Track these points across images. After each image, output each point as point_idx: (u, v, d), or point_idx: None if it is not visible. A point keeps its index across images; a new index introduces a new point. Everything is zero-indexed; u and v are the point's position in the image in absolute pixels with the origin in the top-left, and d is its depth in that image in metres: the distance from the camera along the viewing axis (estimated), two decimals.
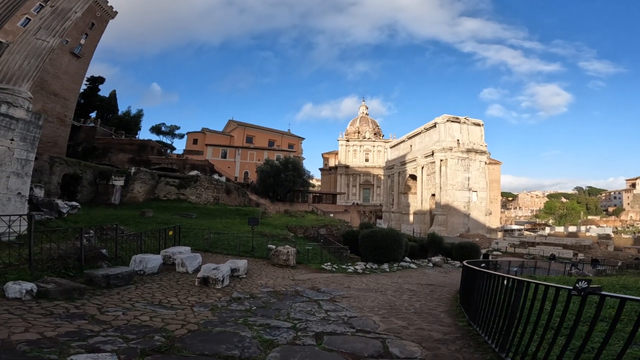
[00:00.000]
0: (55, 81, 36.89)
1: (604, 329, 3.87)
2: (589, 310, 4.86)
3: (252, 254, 14.09)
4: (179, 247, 11.05)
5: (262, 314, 5.84)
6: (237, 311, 5.93)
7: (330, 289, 8.92)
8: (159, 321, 4.66)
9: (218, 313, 5.62)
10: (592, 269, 22.09)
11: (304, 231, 24.63)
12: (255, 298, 7.17)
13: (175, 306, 5.92)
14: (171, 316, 5.05)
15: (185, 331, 4.31)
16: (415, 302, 7.50)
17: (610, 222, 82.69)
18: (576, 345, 2.95)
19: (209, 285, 7.66)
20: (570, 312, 4.42)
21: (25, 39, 10.98)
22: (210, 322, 4.94)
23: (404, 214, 57.31)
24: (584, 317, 4.13)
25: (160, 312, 5.23)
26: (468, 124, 47.07)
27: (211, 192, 33.82)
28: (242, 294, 7.41)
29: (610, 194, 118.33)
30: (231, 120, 72.58)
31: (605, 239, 44.83)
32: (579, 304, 2.70)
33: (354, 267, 13.77)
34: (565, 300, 2.90)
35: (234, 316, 5.50)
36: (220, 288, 7.64)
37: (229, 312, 5.81)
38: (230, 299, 6.82)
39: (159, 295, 6.52)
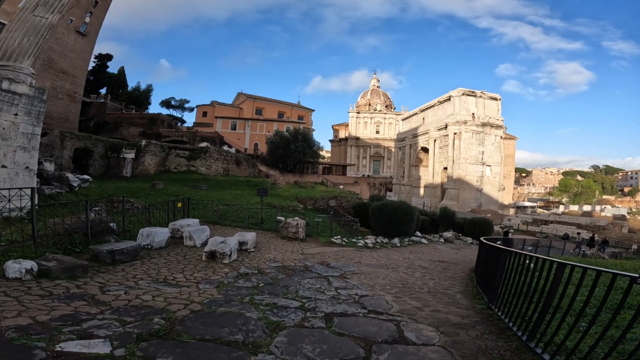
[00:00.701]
0: (62, 59, 37.41)
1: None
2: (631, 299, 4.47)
3: (261, 226, 13.98)
4: (187, 220, 10.93)
5: (269, 292, 5.63)
6: (244, 288, 5.74)
7: (340, 264, 8.71)
8: (161, 301, 4.46)
9: (224, 291, 5.43)
10: (599, 250, 21.45)
11: (313, 203, 24.47)
12: (263, 274, 6.99)
13: (181, 283, 5.75)
14: (175, 295, 4.85)
15: (188, 312, 4.09)
16: (429, 281, 7.23)
17: (625, 203, 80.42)
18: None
19: (217, 259, 7.50)
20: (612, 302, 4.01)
21: (23, 16, 10.62)
22: (215, 301, 4.73)
23: (415, 186, 56.68)
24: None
25: (164, 291, 5.04)
26: (484, 98, 45.04)
27: (221, 163, 33.71)
28: (249, 269, 7.24)
29: (627, 174, 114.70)
30: (240, 93, 71.42)
31: (620, 219, 43.62)
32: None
33: (364, 241, 13.57)
34: (605, 286, 2.50)
35: (240, 294, 5.30)
36: (227, 263, 7.48)
37: (235, 289, 5.62)
38: (237, 275, 6.64)
39: (165, 272, 6.36)
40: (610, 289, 2.45)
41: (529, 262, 4.13)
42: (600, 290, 3.91)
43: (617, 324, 3.34)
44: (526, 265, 4.33)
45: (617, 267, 7.32)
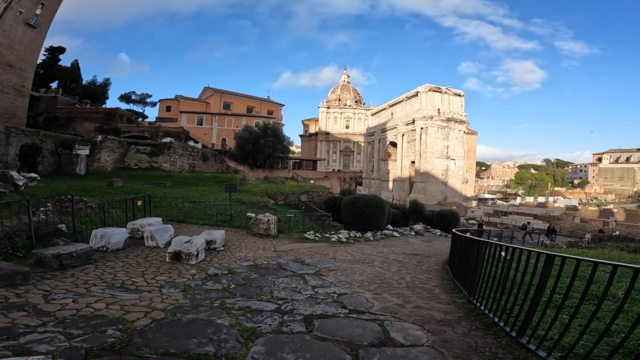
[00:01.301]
0: (9, 52, 35.21)
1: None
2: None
3: (231, 223, 13.36)
4: (148, 219, 10.13)
5: (241, 294, 5.22)
6: (213, 291, 5.28)
7: (315, 260, 8.41)
8: (117, 309, 3.91)
9: (191, 295, 4.94)
10: (549, 239, 22.55)
11: (284, 198, 24.00)
12: (234, 274, 6.54)
13: (141, 288, 5.18)
14: (133, 301, 4.31)
15: (149, 321, 3.60)
16: (406, 275, 7.12)
17: (576, 194, 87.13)
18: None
19: (182, 260, 6.93)
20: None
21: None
22: (181, 307, 4.25)
23: (384, 180, 57.71)
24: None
25: (121, 297, 4.48)
26: (449, 94, 46.56)
27: (186, 159, 32.19)
28: (219, 269, 6.75)
29: (576, 167, 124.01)
30: (207, 87, 68.75)
31: (573, 210, 47.06)
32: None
33: (337, 236, 13.38)
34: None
35: (210, 298, 4.84)
36: (194, 264, 6.93)
37: (203, 292, 5.14)
38: (205, 277, 6.15)
39: (122, 276, 5.73)
40: (611, 282, 2.33)
41: (508, 255, 4.04)
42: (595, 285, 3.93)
43: (623, 318, 3.30)
44: (507, 258, 4.25)
45: (598, 257, 7.62)
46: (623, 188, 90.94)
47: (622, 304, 2.21)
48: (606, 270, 5.13)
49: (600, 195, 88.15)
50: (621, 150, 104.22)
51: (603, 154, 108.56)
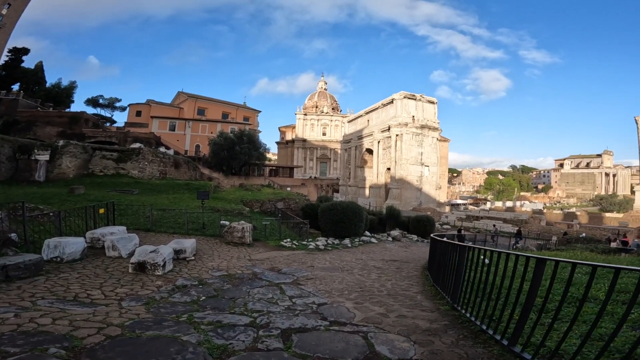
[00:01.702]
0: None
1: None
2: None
3: (203, 231, 12.71)
4: (111, 228, 9.38)
5: (212, 306, 4.78)
6: (181, 304, 4.80)
7: (293, 269, 8.05)
8: (65, 324, 3.39)
9: (155, 308, 4.45)
10: (516, 241, 23.23)
11: (260, 205, 23.41)
12: (205, 285, 6.06)
13: (97, 301, 4.63)
14: (86, 316, 3.78)
15: (102, 338, 3.12)
16: (386, 282, 6.91)
17: (540, 198, 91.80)
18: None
19: (147, 271, 6.36)
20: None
21: None
22: (142, 322, 3.77)
23: (360, 187, 58.10)
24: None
25: (72, 312, 3.93)
26: (423, 101, 47.81)
27: (157, 165, 30.82)
28: (188, 280, 6.24)
29: (540, 173, 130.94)
30: (181, 92, 66.92)
31: (539, 214, 49.31)
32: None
33: (315, 243, 13.05)
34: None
35: (176, 311, 4.38)
36: (161, 274, 6.39)
37: (169, 306, 4.66)
38: (172, 288, 5.64)
39: (76, 288, 5.13)
40: (614, 285, 2.17)
41: (487, 258, 3.91)
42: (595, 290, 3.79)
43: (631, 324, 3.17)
44: (486, 262, 4.11)
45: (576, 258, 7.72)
46: (584, 192, 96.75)
47: (630, 307, 2.05)
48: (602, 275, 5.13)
49: (563, 199, 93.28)
50: (581, 156, 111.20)
51: (564, 159, 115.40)
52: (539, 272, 2.77)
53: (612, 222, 42.43)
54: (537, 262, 2.80)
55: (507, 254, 3.69)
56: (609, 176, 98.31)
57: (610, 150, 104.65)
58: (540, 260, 2.79)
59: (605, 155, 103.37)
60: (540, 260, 2.78)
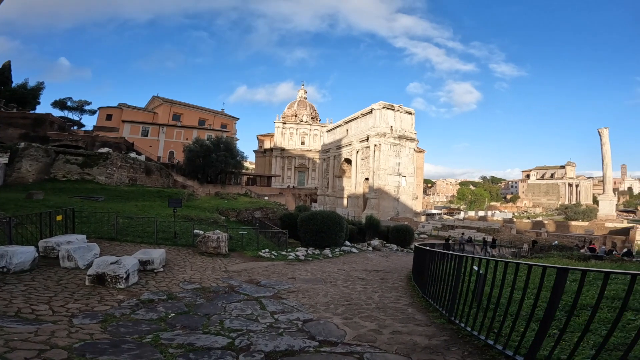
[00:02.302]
0: None
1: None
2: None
3: (175, 241, 11.85)
4: (69, 236, 8.47)
5: (183, 325, 4.18)
6: (145, 322, 4.17)
7: (273, 281, 7.49)
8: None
9: (113, 327, 3.82)
10: (492, 249, 23.86)
11: (236, 214, 22.54)
12: (174, 299, 5.42)
13: (43, 318, 3.93)
14: (26, 335, 3.13)
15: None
16: (373, 294, 6.51)
17: (509, 208, 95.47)
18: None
19: (107, 284, 5.63)
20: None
21: None
22: (95, 344, 3.16)
23: (339, 197, 57.96)
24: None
25: (9, 329, 3.25)
26: (401, 112, 48.68)
27: (126, 172, 29.23)
28: (155, 294, 5.57)
29: (508, 183, 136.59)
30: (155, 97, 64.69)
31: (509, 223, 50.95)
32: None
33: (295, 254, 12.49)
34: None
35: (139, 331, 3.77)
36: (123, 288, 5.67)
37: (131, 324, 4.03)
38: (137, 303, 4.97)
39: (20, 302, 4.39)
40: (630, 293, 1.88)
41: (481, 269, 3.64)
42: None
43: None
44: (480, 273, 3.84)
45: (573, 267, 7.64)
46: (549, 202, 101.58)
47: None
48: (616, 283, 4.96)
49: (529, 209, 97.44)
50: (546, 168, 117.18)
51: (531, 170, 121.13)
52: (561, 283, 2.46)
53: (578, 230, 44.40)
54: (559, 272, 2.49)
55: (516, 263, 3.42)
56: (572, 186, 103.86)
57: (573, 162, 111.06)
58: (562, 270, 2.49)
59: (569, 166, 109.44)
60: (563, 270, 2.48)
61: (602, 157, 49.18)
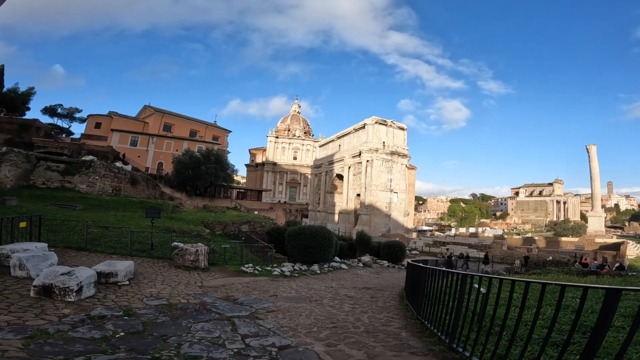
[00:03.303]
0: None
1: None
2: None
3: (151, 253, 10.99)
4: (27, 244, 7.64)
5: (129, 347, 3.45)
6: (82, 341, 3.43)
7: (251, 298, 6.74)
8: None
9: (37, 345, 3.09)
10: (485, 265, 23.57)
11: (222, 228, 21.65)
12: (132, 316, 4.67)
13: None
14: None
15: None
16: (362, 315, 5.81)
17: (499, 225, 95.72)
18: None
19: (54, 297, 4.88)
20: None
21: None
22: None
23: (330, 213, 57.20)
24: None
25: None
26: (394, 127, 48.77)
27: (109, 181, 28.24)
28: (110, 310, 4.81)
29: (498, 200, 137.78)
30: (147, 106, 63.92)
31: (500, 239, 50.72)
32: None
33: (280, 269, 11.70)
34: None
35: (67, 352, 3.04)
36: (73, 301, 4.91)
37: (62, 343, 3.29)
38: (82, 319, 4.22)
39: None
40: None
41: (486, 289, 3.06)
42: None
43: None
44: (483, 292, 3.27)
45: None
46: (537, 218, 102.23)
47: None
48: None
49: (519, 225, 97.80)
50: (534, 185, 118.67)
51: (519, 188, 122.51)
52: (610, 306, 1.88)
53: (569, 245, 44.27)
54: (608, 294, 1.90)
55: (526, 282, 2.84)
56: (559, 203, 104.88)
57: (561, 179, 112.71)
58: (613, 291, 1.90)
59: (556, 184, 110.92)
60: (614, 291, 1.90)
61: (591, 174, 49.55)
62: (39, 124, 45.17)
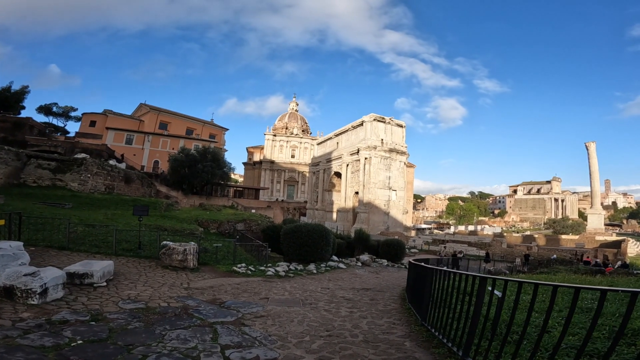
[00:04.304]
0: None
1: None
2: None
3: (138, 253, 10.43)
4: (2, 242, 7.07)
5: (83, 358, 2.91)
6: (27, 349, 2.89)
7: (240, 302, 6.20)
8: None
9: None
10: (486, 264, 23.25)
11: (217, 226, 21.08)
12: (99, 321, 4.13)
13: None
14: None
15: None
16: (360, 320, 5.27)
17: (497, 223, 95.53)
18: None
19: (16, 299, 4.37)
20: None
21: None
22: None
23: (328, 211, 56.66)
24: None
25: None
26: (392, 125, 48.23)
27: (102, 179, 27.59)
28: (77, 314, 4.27)
29: (496, 198, 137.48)
30: (143, 104, 63.05)
31: (500, 237, 50.35)
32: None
33: (274, 269, 11.16)
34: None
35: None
36: (36, 304, 4.40)
37: (2, 351, 2.75)
38: (40, 324, 3.69)
39: None
40: None
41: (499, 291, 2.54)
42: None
43: None
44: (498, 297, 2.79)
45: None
46: (535, 216, 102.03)
47: None
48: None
49: (517, 223, 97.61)
50: (532, 183, 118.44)
51: (518, 186, 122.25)
52: None
53: (569, 243, 43.92)
54: None
55: (575, 288, 2.34)
56: (557, 201, 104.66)
57: (559, 177, 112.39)
58: None
59: (554, 181, 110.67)
60: None
61: (590, 171, 49.10)
62: (32, 122, 44.49)
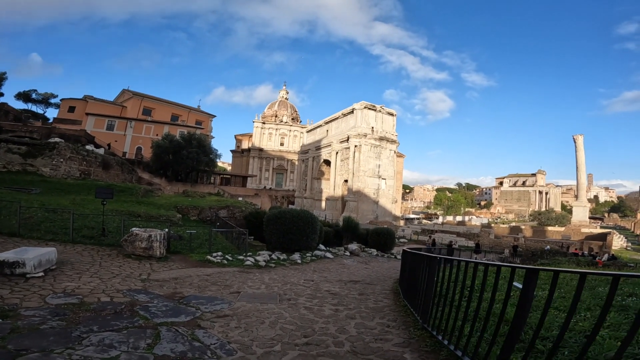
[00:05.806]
0: None
1: None
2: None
3: (100, 240, 9.34)
4: None
5: None
6: None
7: (204, 296, 5.24)
8: None
9: None
10: (477, 254, 22.92)
11: (198, 213, 19.95)
12: (7, 319, 3.13)
13: None
14: None
15: None
16: (347, 322, 4.36)
17: (484, 214, 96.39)
18: None
19: None
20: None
21: None
22: None
23: (317, 199, 55.80)
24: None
25: None
26: (383, 113, 47.24)
27: (77, 164, 26.02)
28: None
29: (482, 190, 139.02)
30: (125, 90, 60.35)
31: (487, 228, 50.45)
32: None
33: (254, 259, 10.23)
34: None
35: None
36: None
37: None
38: None
39: None
40: None
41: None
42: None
43: None
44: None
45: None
46: (520, 208, 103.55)
47: None
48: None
49: (502, 215, 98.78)
50: (518, 175, 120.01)
51: (504, 178, 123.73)
52: None
53: (555, 235, 44.20)
54: None
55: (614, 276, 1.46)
56: (542, 194, 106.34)
57: (544, 170, 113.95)
58: None
59: (539, 174, 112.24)
60: None
61: (577, 163, 49.22)
62: (7, 108, 42.21)
